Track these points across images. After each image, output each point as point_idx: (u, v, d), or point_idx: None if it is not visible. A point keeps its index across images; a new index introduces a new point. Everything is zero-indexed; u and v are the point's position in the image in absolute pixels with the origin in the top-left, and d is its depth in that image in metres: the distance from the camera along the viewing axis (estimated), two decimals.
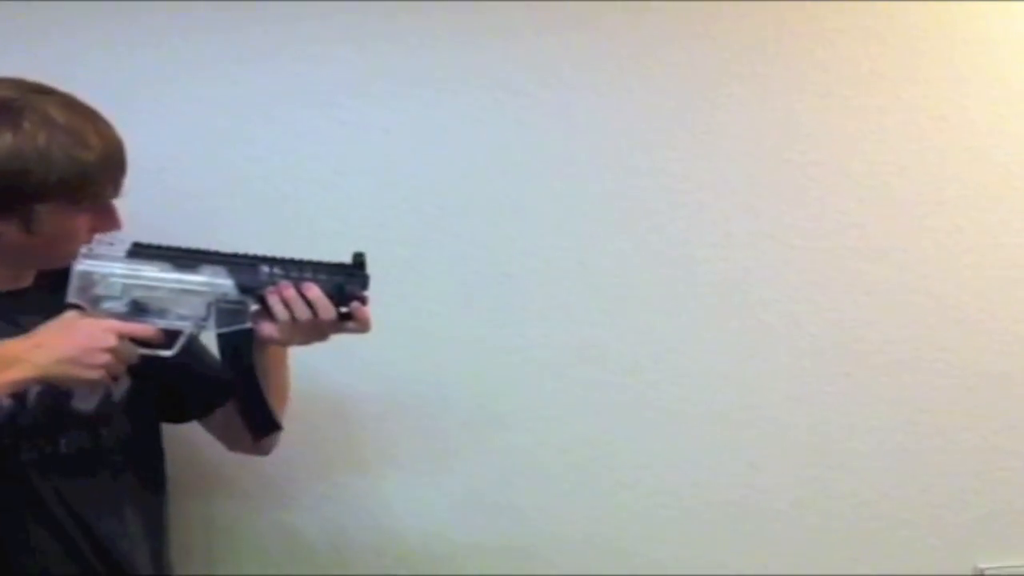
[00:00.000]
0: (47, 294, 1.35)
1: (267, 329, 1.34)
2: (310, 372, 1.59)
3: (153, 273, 1.31)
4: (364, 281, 1.35)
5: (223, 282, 1.32)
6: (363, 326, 1.36)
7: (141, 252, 1.32)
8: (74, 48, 1.76)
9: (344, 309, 1.34)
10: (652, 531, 1.83)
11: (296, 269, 1.33)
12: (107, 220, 1.36)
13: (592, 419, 1.80)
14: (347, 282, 1.34)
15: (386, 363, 1.79)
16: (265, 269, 1.33)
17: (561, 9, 1.74)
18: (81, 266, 1.29)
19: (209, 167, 1.78)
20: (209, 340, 1.40)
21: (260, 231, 1.77)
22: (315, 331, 1.35)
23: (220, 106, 1.78)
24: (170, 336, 1.31)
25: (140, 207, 1.38)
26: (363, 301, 1.35)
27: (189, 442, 1.66)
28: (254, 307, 1.33)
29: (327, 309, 1.32)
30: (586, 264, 1.79)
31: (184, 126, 1.77)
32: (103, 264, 1.30)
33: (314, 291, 1.32)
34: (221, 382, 1.41)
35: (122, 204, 1.36)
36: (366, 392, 1.81)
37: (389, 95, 1.77)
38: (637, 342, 1.79)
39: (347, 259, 1.36)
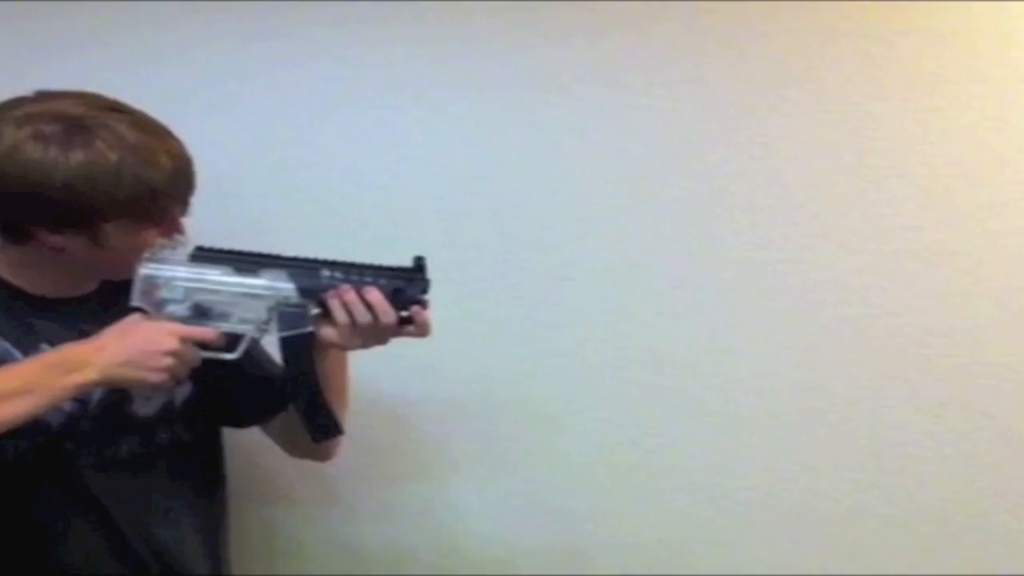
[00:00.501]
0: (111, 300, 1.37)
1: (328, 333, 1.34)
2: (368, 376, 1.59)
3: (215, 277, 1.32)
4: (424, 285, 1.35)
5: (284, 286, 1.33)
6: (423, 330, 1.36)
7: (204, 256, 1.33)
8: (127, 54, 1.78)
9: (404, 313, 1.34)
10: (710, 534, 1.81)
11: (357, 273, 1.34)
12: (173, 233, 1.38)
13: (650, 422, 1.79)
14: (407, 286, 1.34)
15: (442, 367, 1.79)
16: (326, 273, 1.34)
17: (615, 11, 1.73)
18: (145, 270, 1.31)
19: (264, 171, 1.80)
20: (268, 343, 1.40)
21: (315, 234, 1.78)
22: (375, 335, 1.35)
23: (275, 110, 1.79)
24: (232, 340, 1.32)
25: (195, 212, 1.39)
26: (423, 305, 1.35)
27: (249, 447, 1.67)
28: (315, 311, 1.33)
29: (387, 313, 1.32)
30: (642, 267, 1.77)
31: (238, 130, 1.78)
32: (166, 268, 1.31)
33: (374, 295, 1.32)
34: (282, 387, 1.41)
35: None
36: (423, 396, 1.81)
37: (444, 97, 1.77)
38: (694, 345, 1.78)
39: (405, 262, 1.36)
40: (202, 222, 1.41)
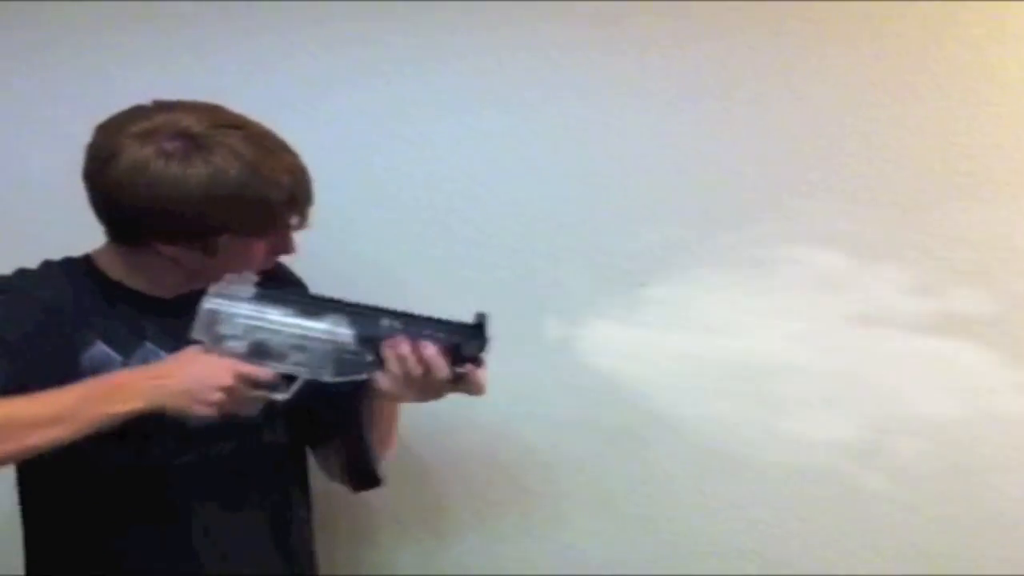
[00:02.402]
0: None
1: (382, 381, 1.33)
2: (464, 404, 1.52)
3: (276, 317, 1.32)
4: (482, 344, 1.32)
5: (344, 331, 1.32)
6: (476, 389, 1.34)
7: (268, 295, 1.33)
8: (238, 60, 1.82)
9: (459, 370, 1.32)
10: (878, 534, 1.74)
11: (416, 325, 1.32)
12: (283, 245, 1.40)
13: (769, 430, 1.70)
14: (465, 343, 1.31)
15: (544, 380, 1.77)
16: (386, 322, 1.32)
17: (706, 9, 1.68)
18: (208, 304, 1.32)
19: (348, 177, 1.81)
20: None
21: (398, 240, 1.80)
22: (428, 389, 1.33)
23: (358, 116, 1.81)
24: (286, 381, 1.33)
25: None
26: (478, 364, 1.33)
27: None
28: (369, 358, 1.33)
29: (441, 368, 1.30)
30: (755, 271, 1.67)
31: (323, 136, 1.78)
32: (230, 304, 1.32)
33: (430, 349, 1.30)
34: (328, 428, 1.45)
35: None
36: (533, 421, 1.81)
37: (527, 104, 1.75)
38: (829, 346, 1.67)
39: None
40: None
